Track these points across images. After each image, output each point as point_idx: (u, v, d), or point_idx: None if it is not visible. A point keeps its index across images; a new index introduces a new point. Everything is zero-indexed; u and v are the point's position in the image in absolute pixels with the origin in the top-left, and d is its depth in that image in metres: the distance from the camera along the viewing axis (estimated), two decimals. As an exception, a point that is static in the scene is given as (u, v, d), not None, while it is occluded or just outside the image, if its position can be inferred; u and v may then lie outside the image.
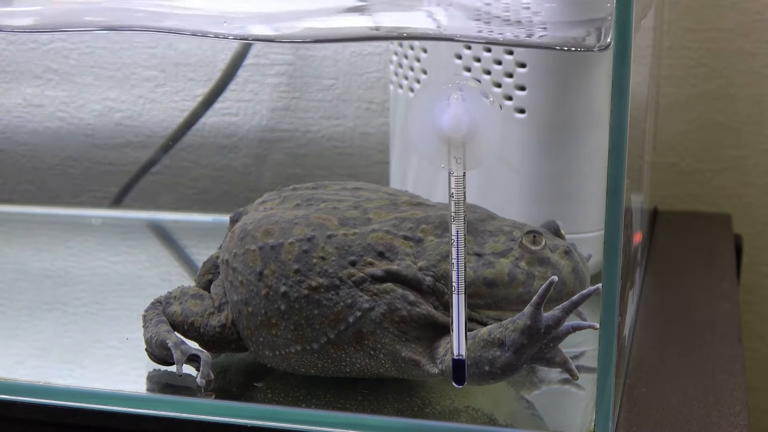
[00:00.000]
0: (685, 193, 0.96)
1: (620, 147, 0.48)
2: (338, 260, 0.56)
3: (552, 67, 0.67)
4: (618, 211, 0.49)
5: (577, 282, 0.56)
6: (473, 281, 0.55)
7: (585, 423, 0.54)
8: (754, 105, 0.93)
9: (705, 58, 0.93)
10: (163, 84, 0.98)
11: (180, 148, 0.99)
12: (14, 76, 1.01)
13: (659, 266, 0.79)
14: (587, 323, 0.52)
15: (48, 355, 0.68)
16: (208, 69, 0.96)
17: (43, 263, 0.87)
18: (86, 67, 0.99)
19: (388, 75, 0.85)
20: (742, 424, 0.54)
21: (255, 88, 0.98)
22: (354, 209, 0.59)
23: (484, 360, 0.52)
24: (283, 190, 0.64)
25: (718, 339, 0.66)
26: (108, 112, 1.00)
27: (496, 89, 0.69)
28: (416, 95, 0.52)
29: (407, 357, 0.55)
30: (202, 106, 0.95)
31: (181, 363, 0.59)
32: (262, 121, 0.98)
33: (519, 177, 0.70)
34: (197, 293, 0.63)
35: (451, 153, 0.50)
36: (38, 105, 1.01)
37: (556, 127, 0.69)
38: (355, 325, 0.56)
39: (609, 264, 0.50)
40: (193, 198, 1.00)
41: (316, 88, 0.97)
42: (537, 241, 0.56)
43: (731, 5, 0.91)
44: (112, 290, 0.81)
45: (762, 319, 0.97)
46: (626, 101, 0.48)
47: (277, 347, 0.58)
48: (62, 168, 1.02)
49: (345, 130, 0.97)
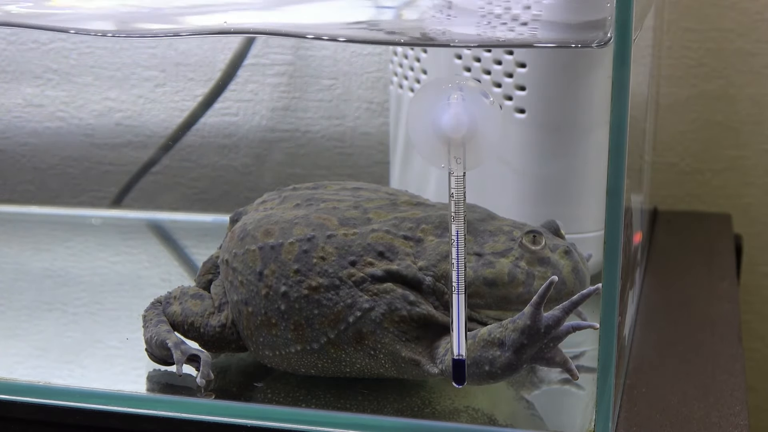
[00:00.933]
0: (685, 193, 0.96)
1: (620, 147, 0.48)
2: (338, 260, 0.56)
3: (552, 67, 0.67)
4: (618, 211, 0.49)
5: (577, 282, 0.56)
6: (473, 281, 0.55)
7: (585, 423, 0.54)
8: (754, 105, 0.93)
9: (705, 58, 0.93)
10: (163, 84, 0.98)
11: (180, 148, 0.99)
12: (14, 76, 1.01)
13: (659, 266, 0.79)
14: (587, 323, 0.52)
15: (48, 355, 0.68)
16: (208, 69, 0.96)
17: (43, 263, 0.87)
18: (86, 67, 0.99)
19: (388, 75, 0.85)
20: (742, 424, 0.54)
21: (255, 88, 0.97)
22: (354, 209, 0.59)
23: (484, 360, 0.52)
24: (283, 190, 0.64)
25: (718, 339, 0.66)
26: (108, 112, 1.00)
27: (496, 89, 0.69)
28: (416, 95, 0.52)
29: (407, 357, 0.55)
30: (202, 106, 0.95)
31: (181, 363, 0.59)
32: (262, 121, 0.98)
33: (519, 177, 0.70)
34: (197, 293, 0.63)
35: (451, 153, 0.50)
36: (38, 105, 1.01)
37: (556, 127, 0.69)
38: (355, 325, 0.56)
39: (609, 264, 0.50)
40: (193, 198, 1.00)
41: (316, 88, 0.97)
42: (537, 241, 0.56)
43: (731, 5, 0.91)
44: (112, 290, 0.80)
45: (762, 319, 0.97)
46: (626, 101, 0.48)
47: (277, 347, 0.58)
48: (62, 168, 1.02)
49: (345, 130, 0.97)
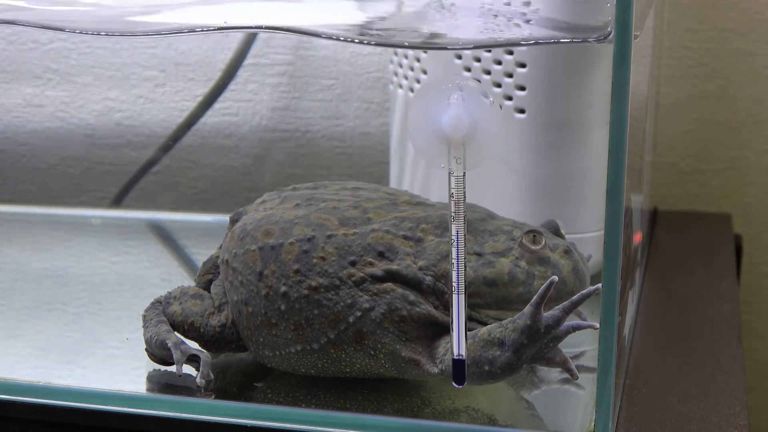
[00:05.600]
0: (685, 193, 0.96)
1: (620, 147, 0.48)
2: (338, 260, 0.56)
3: (552, 67, 0.67)
4: (618, 211, 0.49)
5: (577, 282, 0.56)
6: (473, 281, 0.55)
7: (585, 423, 0.54)
8: (754, 105, 0.93)
9: (705, 58, 0.93)
10: (163, 84, 0.98)
11: (180, 148, 0.99)
12: (14, 76, 1.01)
13: (659, 266, 0.79)
14: (587, 323, 0.52)
15: (48, 355, 0.68)
16: (208, 69, 0.96)
17: (43, 263, 0.87)
18: (86, 67, 0.99)
19: (388, 75, 0.85)
20: (742, 424, 0.54)
21: (255, 88, 0.97)
22: (354, 209, 0.59)
23: (484, 360, 0.52)
24: (283, 190, 0.64)
25: (718, 339, 0.66)
26: (108, 112, 1.00)
27: (496, 89, 0.69)
28: (416, 95, 0.52)
29: (407, 357, 0.55)
30: (202, 106, 0.95)
31: (181, 363, 0.59)
32: (262, 121, 0.98)
33: (519, 177, 0.70)
34: (197, 293, 0.63)
35: (451, 153, 0.50)
36: (38, 105, 1.01)
37: (556, 127, 0.69)
38: (355, 325, 0.56)
39: (609, 264, 0.50)
40: (193, 198, 1.00)
41: (316, 88, 0.97)
42: (537, 241, 0.56)
43: (731, 5, 0.91)
44: (112, 290, 0.80)
45: (762, 319, 0.97)
46: (626, 101, 0.48)
47: (277, 347, 0.58)
48: (62, 168, 1.02)
49: (345, 130, 0.97)
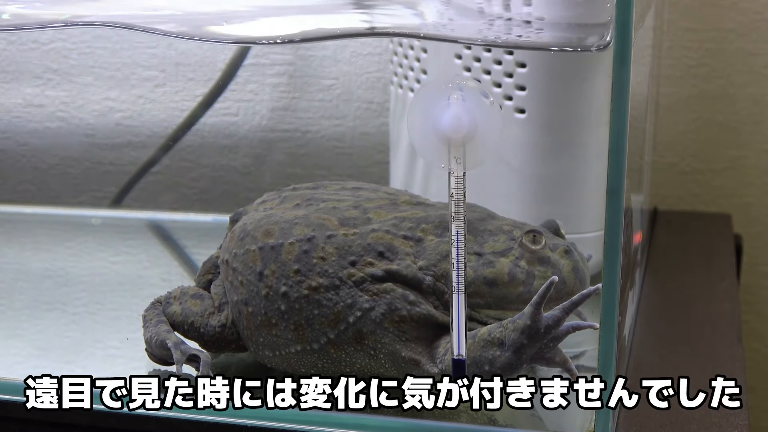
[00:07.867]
0: (685, 193, 0.96)
1: (620, 147, 0.48)
2: (338, 260, 0.56)
3: (552, 67, 0.67)
4: (618, 211, 0.49)
5: (577, 281, 0.56)
6: (473, 281, 0.55)
7: (585, 423, 0.54)
8: (754, 105, 0.93)
9: (705, 58, 0.93)
10: (163, 84, 0.98)
11: (180, 148, 0.99)
12: (14, 76, 1.01)
13: (659, 266, 0.79)
14: (587, 323, 0.52)
15: (48, 355, 0.68)
16: (208, 69, 0.96)
17: (43, 263, 0.87)
18: (86, 67, 0.99)
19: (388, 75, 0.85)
20: (742, 424, 0.54)
21: (255, 88, 0.98)
22: (354, 209, 0.59)
23: (484, 360, 0.52)
24: (283, 190, 0.64)
25: (718, 339, 0.66)
26: (108, 112, 1.00)
27: (496, 89, 0.69)
28: (416, 95, 0.52)
29: (407, 357, 0.55)
30: (202, 106, 0.95)
31: (181, 363, 0.59)
32: (262, 121, 0.98)
33: (519, 177, 0.70)
34: (197, 293, 0.63)
35: (451, 153, 0.50)
36: (38, 105, 1.01)
37: (556, 127, 0.69)
38: (355, 325, 0.56)
39: (609, 264, 0.50)
40: (193, 198, 1.00)
41: (316, 88, 0.97)
42: (537, 241, 0.56)
43: (731, 5, 0.91)
44: (112, 290, 0.80)
45: (762, 319, 0.97)
46: (626, 101, 0.47)
47: (277, 347, 0.58)
48: (62, 168, 1.02)
49: (345, 130, 0.97)
